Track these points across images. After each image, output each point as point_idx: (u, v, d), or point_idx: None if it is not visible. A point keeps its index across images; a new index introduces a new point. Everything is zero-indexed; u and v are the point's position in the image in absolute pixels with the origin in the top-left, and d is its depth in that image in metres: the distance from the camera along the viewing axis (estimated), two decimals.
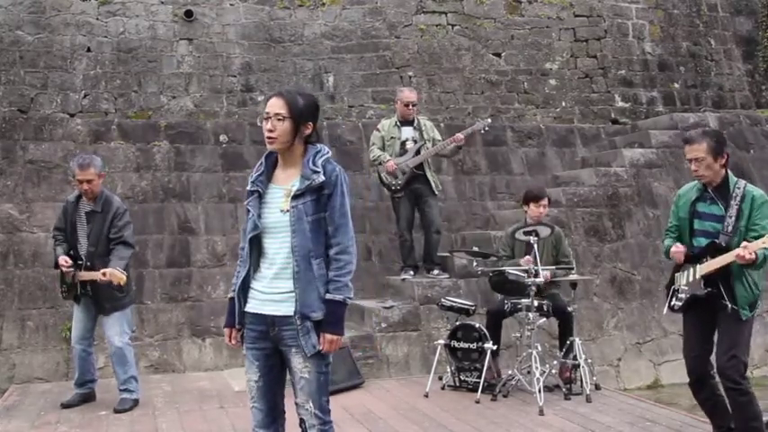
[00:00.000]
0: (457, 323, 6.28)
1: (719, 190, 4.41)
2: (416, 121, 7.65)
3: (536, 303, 5.88)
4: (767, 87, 11.58)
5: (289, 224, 3.17)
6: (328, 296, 3.17)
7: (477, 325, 6.15)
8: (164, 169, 8.30)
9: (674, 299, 4.55)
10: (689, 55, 10.98)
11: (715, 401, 4.48)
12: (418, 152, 7.53)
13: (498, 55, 10.23)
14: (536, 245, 6.00)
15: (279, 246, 3.20)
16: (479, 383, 5.97)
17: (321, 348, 3.16)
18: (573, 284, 6.27)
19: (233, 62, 9.44)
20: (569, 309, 6.23)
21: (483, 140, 9.26)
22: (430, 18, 10.09)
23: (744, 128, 9.46)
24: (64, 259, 5.74)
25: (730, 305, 4.27)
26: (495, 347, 6.10)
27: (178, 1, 9.40)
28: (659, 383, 7.61)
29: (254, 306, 3.26)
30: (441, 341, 6.32)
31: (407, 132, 7.61)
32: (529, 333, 5.97)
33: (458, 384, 6.27)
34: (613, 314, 7.78)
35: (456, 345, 6.17)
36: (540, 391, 5.58)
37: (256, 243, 3.25)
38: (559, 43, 10.45)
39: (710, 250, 4.33)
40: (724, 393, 4.39)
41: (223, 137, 8.67)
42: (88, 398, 5.99)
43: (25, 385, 6.82)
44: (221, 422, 5.43)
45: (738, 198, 4.33)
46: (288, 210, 3.18)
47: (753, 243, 4.09)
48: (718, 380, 4.39)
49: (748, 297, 4.29)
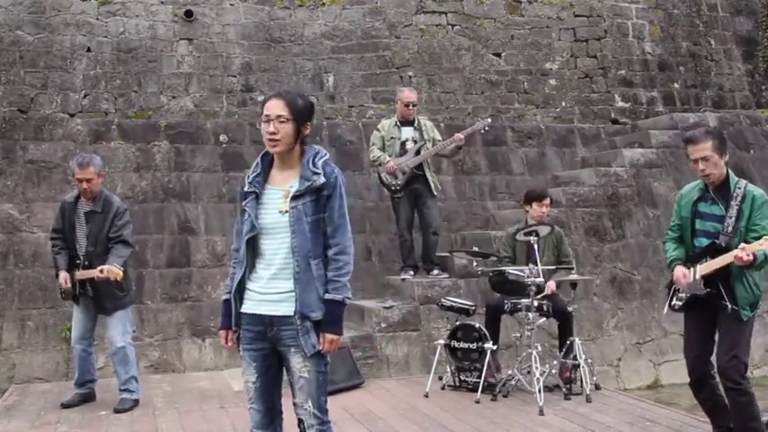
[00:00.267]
0: (457, 323, 6.28)
1: (720, 190, 4.39)
2: (416, 122, 7.64)
3: (536, 303, 5.88)
4: (767, 87, 11.57)
5: (288, 225, 3.17)
6: (327, 296, 3.18)
7: (477, 325, 6.15)
8: (164, 169, 8.30)
9: (675, 298, 4.55)
10: (689, 55, 10.98)
11: (715, 401, 4.48)
12: (418, 152, 7.53)
13: (498, 55, 10.23)
14: (536, 245, 6.00)
15: (277, 246, 3.20)
16: (479, 383, 5.97)
17: (321, 348, 3.17)
18: (573, 284, 6.27)
19: (233, 62, 9.44)
20: (569, 309, 6.23)
21: (483, 140, 9.26)
22: (430, 18, 10.09)
23: (744, 128, 9.46)
24: (64, 279, 5.70)
25: (730, 306, 4.27)
26: (494, 347, 6.10)
27: (178, 1, 9.40)
28: (659, 383, 7.61)
29: (250, 307, 3.25)
30: (441, 341, 6.32)
31: (407, 132, 7.60)
32: (529, 333, 5.96)
33: (458, 384, 6.26)
34: (613, 314, 7.78)
35: (456, 345, 6.17)
36: (540, 391, 5.58)
37: (252, 244, 3.24)
38: (559, 43, 10.45)
39: (710, 251, 4.33)
40: (724, 393, 4.39)
41: (223, 137, 8.68)
42: (88, 398, 5.99)
43: (25, 385, 6.82)
44: (221, 422, 5.43)
45: (739, 198, 4.31)
46: (287, 210, 3.18)
47: (750, 245, 4.08)
48: (718, 380, 4.38)
49: (749, 297, 4.28)
